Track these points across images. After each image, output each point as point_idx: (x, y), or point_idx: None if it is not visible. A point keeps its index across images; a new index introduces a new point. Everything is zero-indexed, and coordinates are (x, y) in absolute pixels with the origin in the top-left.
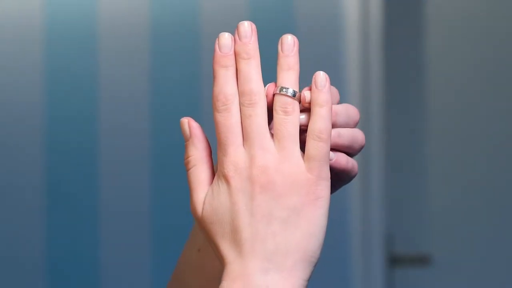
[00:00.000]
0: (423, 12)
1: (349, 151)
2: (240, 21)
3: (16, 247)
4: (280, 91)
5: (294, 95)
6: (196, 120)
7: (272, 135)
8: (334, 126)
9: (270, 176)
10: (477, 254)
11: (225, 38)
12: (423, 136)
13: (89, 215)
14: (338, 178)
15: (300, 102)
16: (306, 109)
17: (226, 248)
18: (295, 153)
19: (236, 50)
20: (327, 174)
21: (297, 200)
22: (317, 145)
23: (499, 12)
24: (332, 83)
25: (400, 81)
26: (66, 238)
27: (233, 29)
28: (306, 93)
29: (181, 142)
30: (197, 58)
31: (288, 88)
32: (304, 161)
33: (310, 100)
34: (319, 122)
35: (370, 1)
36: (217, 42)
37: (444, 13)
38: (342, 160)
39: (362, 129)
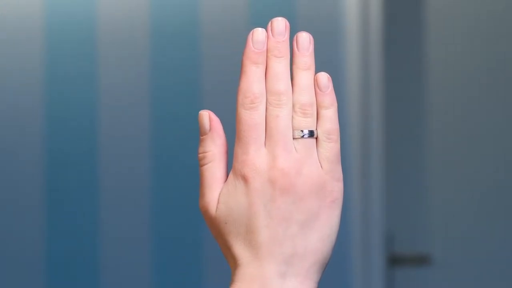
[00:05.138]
0: (423, 12)
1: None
2: (240, 21)
3: (16, 247)
4: (297, 135)
5: (312, 135)
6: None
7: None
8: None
9: (292, 178)
10: (477, 254)
11: (260, 33)
12: (423, 136)
13: (89, 215)
14: None
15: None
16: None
17: (240, 249)
18: (313, 155)
19: (269, 46)
20: (340, 175)
21: (315, 203)
22: (327, 146)
23: (499, 12)
24: (333, 83)
25: (400, 81)
26: (66, 238)
27: (233, 30)
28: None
29: (181, 143)
30: (197, 59)
31: (303, 131)
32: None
33: (316, 104)
34: (327, 123)
35: (370, 1)
36: (250, 36)
37: (444, 13)
38: None
39: (362, 128)
